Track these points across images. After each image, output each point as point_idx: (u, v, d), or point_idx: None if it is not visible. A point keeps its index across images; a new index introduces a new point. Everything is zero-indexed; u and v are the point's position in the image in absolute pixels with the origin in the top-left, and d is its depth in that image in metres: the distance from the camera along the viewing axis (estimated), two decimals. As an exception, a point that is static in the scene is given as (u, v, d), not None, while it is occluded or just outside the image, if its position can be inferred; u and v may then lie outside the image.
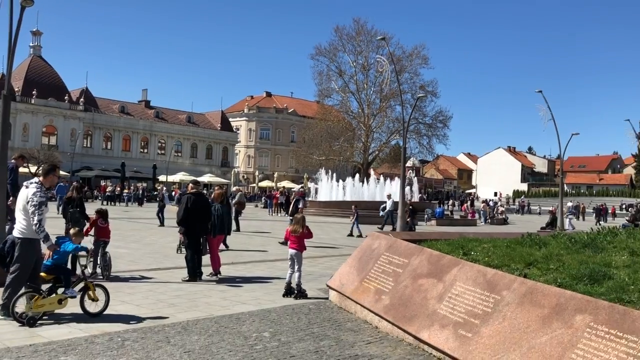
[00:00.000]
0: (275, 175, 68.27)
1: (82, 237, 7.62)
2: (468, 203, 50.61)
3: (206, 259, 10.72)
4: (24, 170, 27.96)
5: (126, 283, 9.48)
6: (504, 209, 46.26)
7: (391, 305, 6.83)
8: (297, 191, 19.29)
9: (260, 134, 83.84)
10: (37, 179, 6.92)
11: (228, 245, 13.86)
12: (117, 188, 46.23)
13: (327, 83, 60.68)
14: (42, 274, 6.78)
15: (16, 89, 54.20)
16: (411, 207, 27.30)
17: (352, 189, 42.85)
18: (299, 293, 8.79)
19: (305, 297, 8.73)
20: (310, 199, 44.51)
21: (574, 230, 28.69)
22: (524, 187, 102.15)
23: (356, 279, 8.00)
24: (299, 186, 25.19)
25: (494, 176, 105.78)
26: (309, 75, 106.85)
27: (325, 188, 44.46)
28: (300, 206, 17.26)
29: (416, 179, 56.08)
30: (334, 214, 35.02)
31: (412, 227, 25.26)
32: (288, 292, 8.86)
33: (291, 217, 17.17)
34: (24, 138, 57.28)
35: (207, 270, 10.41)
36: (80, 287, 6.97)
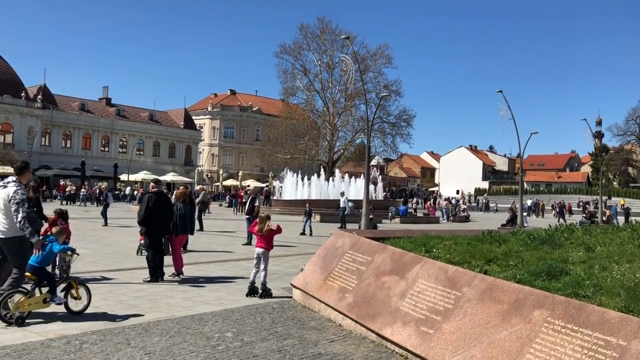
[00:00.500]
0: (239, 174, 67.67)
1: (64, 235, 7.62)
2: (431, 201, 51.25)
3: (168, 259, 10.56)
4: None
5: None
6: (466, 207, 47.07)
7: (355, 303, 6.85)
8: (253, 189, 19.12)
9: (224, 133, 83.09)
10: (14, 177, 6.94)
11: (187, 247, 13.58)
12: (74, 187, 45.07)
13: (292, 81, 60.59)
14: (27, 274, 6.79)
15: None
16: (371, 206, 27.40)
17: (318, 188, 42.92)
18: (264, 292, 8.74)
19: (270, 297, 8.70)
20: (275, 198, 44.46)
21: (528, 226, 29.41)
22: (485, 185, 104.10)
23: (320, 277, 8.01)
24: (255, 185, 24.98)
25: (456, 174, 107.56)
26: (274, 73, 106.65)
27: (290, 187, 44.42)
28: (256, 204, 17.07)
29: (380, 178, 56.57)
30: (300, 213, 34.91)
31: (343, 224, 25.32)
32: (252, 292, 8.80)
33: (247, 216, 16.99)
34: (-23, 136, 55.41)
35: (170, 270, 10.26)
36: (63, 286, 7.07)
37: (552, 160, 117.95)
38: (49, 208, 11.74)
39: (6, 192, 6.73)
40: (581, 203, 62.53)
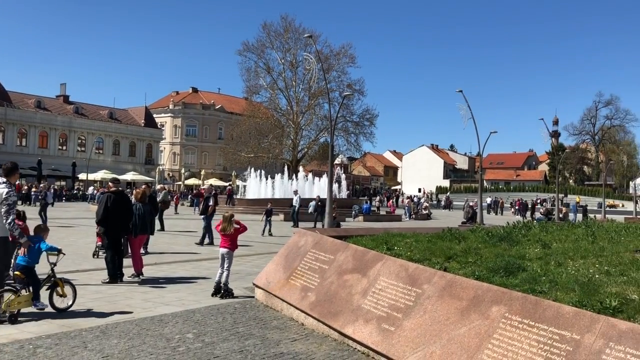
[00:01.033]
0: (202, 173, 66.98)
1: (47, 233, 7.75)
2: (393, 199, 51.79)
3: (128, 260, 10.35)
4: None
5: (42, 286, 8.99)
6: (428, 205, 47.72)
7: (317, 301, 6.85)
8: (207, 188, 18.86)
9: (186, 131, 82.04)
10: (3, 179, 7.03)
11: (147, 250, 13.28)
12: (26, 187, 43.63)
13: (255, 80, 60.25)
14: (17, 273, 7.03)
15: None
16: (319, 203, 27.48)
17: (281, 187, 42.80)
18: (226, 292, 8.67)
19: (232, 297, 8.63)
20: (238, 197, 44.13)
21: (464, 222, 29.90)
22: (447, 184, 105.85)
23: (283, 277, 7.98)
24: (208, 184, 24.64)
25: (418, 173, 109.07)
26: (237, 71, 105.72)
27: (253, 186, 44.16)
28: (210, 204, 16.81)
29: (344, 176, 56.81)
30: (263, 212, 34.78)
31: (315, 224, 25.37)
32: (217, 292, 8.72)
33: (203, 216, 16.74)
34: None
35: (129, 271, 10.06)
36: (49, 285, 7.31)
37: (511, 158, 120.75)
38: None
39: None
40: (538, 200, 64.17)
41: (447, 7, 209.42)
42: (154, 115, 79.35)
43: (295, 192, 28.50)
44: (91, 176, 57.09)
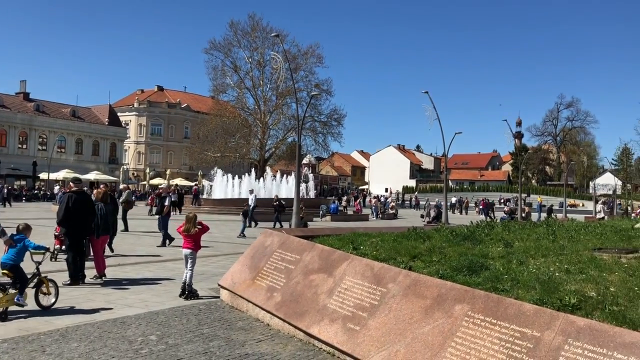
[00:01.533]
0: (167, 172, 65.99)
1: (30, 231, 7.82)
2: (360, 199, 52.05)
3: (91, 262, 10.13)
4: None
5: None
6: (395, 204, 48.13)
7: (283, 302, 6.83)
8: (164, 188, 18.59)
9: (151, 130, 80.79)
10: None
11: (113, 249, 13.04)
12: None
13: (222, 78, 59.73)
14: (4, 271, 7.14)
15: None
16: (277, 203, 27.43)
17: (249, 187, 42.51)
18: (190, 293, 8.57)
19: (196, 297, 8.53)
20: (204, 197, 43.66)
21: (430, 221, 30.31)
22: (413, 183, 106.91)
23: (248, 277, 7.92)
24: (164, 184, 24.29)
25: (385, 173, 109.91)
26: (203, 69, 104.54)
27: (220, 186, 43.76)
28: (166, 204, 16.54)
29: (312, 176, 56.85)
30: (229, 212, 34.60)
31: (275, 223, 25.31)
32: (184, 292, 8.61)
33: (158, 216, 16.47)
34: None
35: (91, 273, 9.83)
36: (34, 283, 7.44)
37: (475, 159, 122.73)
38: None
39: None
40: (502, 200, 65.41)
41: (414, 10, 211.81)
42: (119, 113, 77.88)
43: (250, 192, 28.37)
44: (53, 175, 55.69)
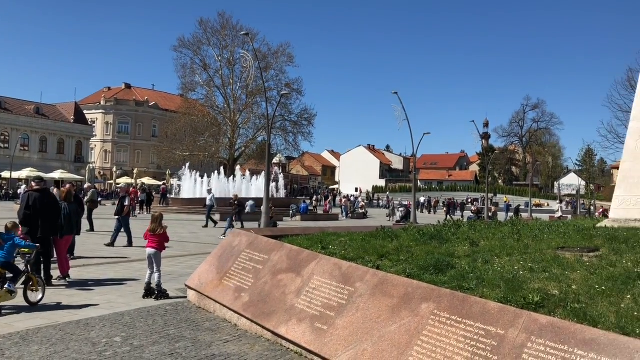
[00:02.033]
0: (135, 171, 65.01)
1: (19, 229, 8.21)
2: (330, 199, 52.21)
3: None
4: None
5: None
6: (364, 204, 48.41)
7: (251, 302, 6.78)
8: (123, 188, 18.30)
9: (118, 128, 79.46)
10: None
11: (74, 253, 12.54)
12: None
13: (191, 76, 59.15)
14: None
15: None
16: (235, 202, 27.26)
17: (218, 186, 42.17)
18: (160, 294, 8.46)
19: (167, 298, 8.44)
20: (172, 197, 43.14)
21: (399, 221, 30.65)
22: (382, 183, 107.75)
23: (216, 277, 7.85)
24: (124, 183, 23.79)
25: (356, 173, 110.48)
26: (172, 67, 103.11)
27: (188, 185, 43.29)
28: (126, 204, 16.23)
29: (282, 175, 56.74)
30: (198, 212, 34.21)
31: (231, 222, 25.11)
32: (148, 293, 8.49)
33: (117, 217, 16.16)
34: None
35: (55, 274, 9.60)
36: (23, 280, 7.65)
37: (444, 159, 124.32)
38: None
39: None
40: (469, 200, 66.40)
41: (383, 11, 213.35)
42: (85, 111, 76.30)
43: (209, 191, 28.18)
44: (15, 174, 54.27)
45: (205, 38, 58.06)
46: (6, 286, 7.20)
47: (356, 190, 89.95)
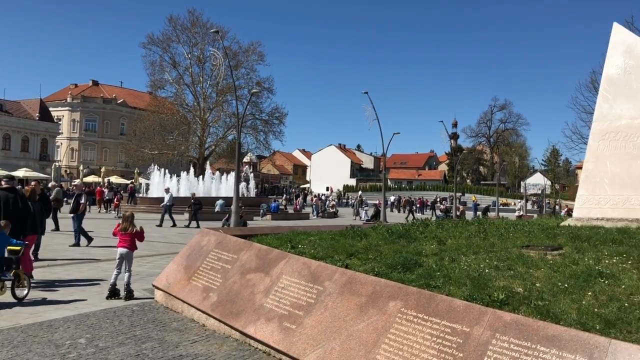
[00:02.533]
0: (102, 170, 63.91)
1: (9, 228, 8.33)
2: (301, 198, 52.20)
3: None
4: None
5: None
6: (335, 203, 48.53)
7: (219, 302, 6.73)
8: (78, 185, 17.95)
9: (85, 126, 77.92)
10: None
11: (38, 252, 12.20)
12: None
13: (160, 74, 58.27)
14: None
15: None
16: (193, 201, 27.20)
17: (187, 185, 41.72)
18: (128, 294, 8.33)
19: (133, 298, 8.31)
20: (141, 196, 42.54)
21: (368, 220, 31.00)
22: (353, 182, 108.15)
23: (184, 277, 7.77)
24: (78, 181, 23.29)
25: (327, 172, 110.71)
26: (141, 64, 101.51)
27: (157, 184, 42.72)
28: (82, 202, 15.88)
29: (253, 175, 56.46)
30: (175, 211, 33.78)
31: (191, 222, 24.99)
32: (113, 294, 8.35)
33: (72, 215, 15.86)
34: None
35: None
36: (12, 276, 7.87)
37: (413, 159, 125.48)
38: None
39: None
40: (438, 199, 67.15)
41: (354, 11, 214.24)
42: (50, 108, 74.61)
43: (166, 190, 27.91)
44: (-23, 172, 52.81)
45: (174, 35, 57.35)
46: (3, 275, 7.74)
47: (327, 189, 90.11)
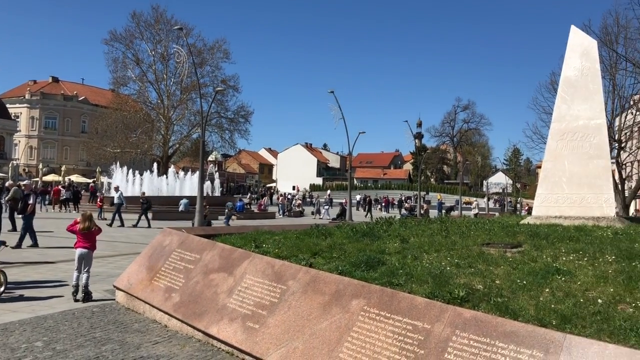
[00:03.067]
0: (62, 168, 62.31)
1: None
2: (267, 197, 52.02)
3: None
4: None
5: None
6: (301, 202, 48.52)
7: (181, 302, 6.65)
8: (27, 185, 17.54)
9: (44, 123, 75.84)
10: None
11: None
12: None
13: (123, 71, 57.22)
14: None
15: None
16: (142, 200, 27.02)
17: (151, 184, 41.08)
18: (86, 296, 8.14)
19: (92, 300, 8.13)
20: (102, 195, 41.67)
21: (330, 219, 31.20)
22: (319, 181, 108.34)
23: (146, 278, 7.65)
24: (27, 180, 22.69)
25: (293, 171, 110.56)
26: (103, 61, 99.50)
27: (120, 183, 41.90)
28: (30, 202, 15.49)
29: (218, 174, 55.93)
30: (129, 210, 33.19)
31: (111, 222, 24.74)
32: (76, 295, 8.15)
33: (21, 215, 15.47)
34: None
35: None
36: None
37: (379, 158, 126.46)
38: None
39: None
40: (403, 197, 67.84)
41: (320, 11, 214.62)
42: (7, 105, 72.36)
43: (116, 189, 27.58)
44: None
45: (138, 32, 56.33)
46: None
47: (294, 188, 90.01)
